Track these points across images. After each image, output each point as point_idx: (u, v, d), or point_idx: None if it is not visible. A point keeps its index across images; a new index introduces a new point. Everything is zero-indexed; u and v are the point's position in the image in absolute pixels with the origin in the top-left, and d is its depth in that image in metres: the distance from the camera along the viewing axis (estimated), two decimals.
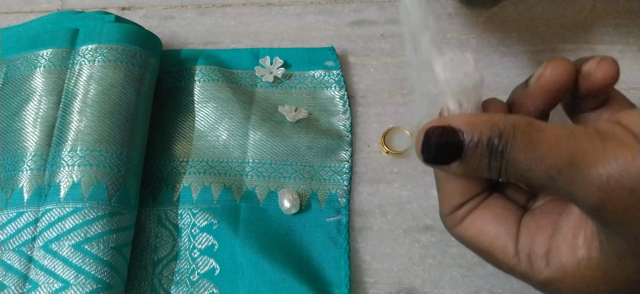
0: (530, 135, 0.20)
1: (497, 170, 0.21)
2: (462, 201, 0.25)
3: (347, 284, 0.32)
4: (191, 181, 0.35)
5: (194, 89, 0.38)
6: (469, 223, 0.25)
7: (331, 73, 0.39)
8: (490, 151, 0.21)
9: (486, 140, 0.21)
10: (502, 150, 0.21)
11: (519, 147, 0.20)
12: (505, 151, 0.21)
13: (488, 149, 0.21)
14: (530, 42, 0.40)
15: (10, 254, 0.31)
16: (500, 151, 0.21)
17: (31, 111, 0.34)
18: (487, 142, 0.21)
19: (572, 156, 0.19)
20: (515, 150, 0.20)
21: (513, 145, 0.20)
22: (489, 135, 0.21)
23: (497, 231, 0.24)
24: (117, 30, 0.36)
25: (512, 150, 0.20)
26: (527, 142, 0.20)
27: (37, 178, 0.32)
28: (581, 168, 0.19)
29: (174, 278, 0.33)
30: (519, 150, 0.20)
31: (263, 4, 0.43)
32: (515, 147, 0.20)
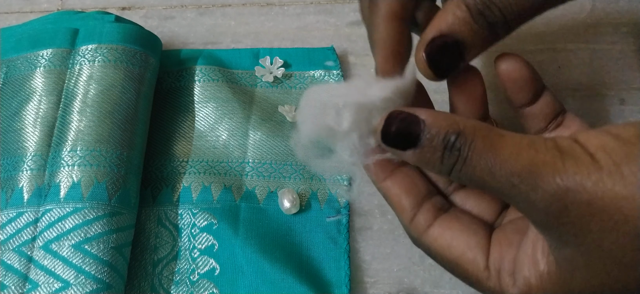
0: (491, 139, 0.21)
1: (449, 166, 0.22)
2: (414, 201, 0.25)
3: (347, 284, 0.32)
4: (191, 181, 0.35)
5: (194, 89, 0.38)
6: (438, 234, 0.25)
7: (331, 73, 0.39)
8: (445, 146, 0.21)
9: (443, 135, 0.21)
10: (459, 148, 0.21)
11: (479, 150, 0.21)
12: (462, 151, 0.21)
13: (443, 143, 0.21)
14: (530, 42, 0.40)
15: (10, 254, 0.31)
16: (458, 148, 0.21)
17: (31, 111, 0.34)
18: (444, 136, 0.21)
19: (532, 165, 0.20)
20: (474, 152, 0.21)
21: (472, 146, 0.21)
22: (446, 130, 0.21)
23: (467, 243, 0.24)
24: (117, 30, 0.36)
25: (470, 151, 0.21)
26: (488, 146, 0.21)
27: (37, 178, 0.32)
28: (541, 177, 0.19)
29: (174, 278, 0.33)
30: (478, 152, 0.21)
31: (263, 4, 0.43)
32: (474, 149, 0.21)
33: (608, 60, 0.39)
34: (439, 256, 0.25)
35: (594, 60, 0.39)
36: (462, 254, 0.24)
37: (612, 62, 0.39)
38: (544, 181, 0.19)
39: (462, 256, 0.24)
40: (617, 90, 0.38)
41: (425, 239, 0.25)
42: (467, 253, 0.24)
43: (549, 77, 0.38)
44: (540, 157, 0.20)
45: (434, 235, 0.25)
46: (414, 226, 0.25)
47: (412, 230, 0.26)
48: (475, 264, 0.24)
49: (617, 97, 0.37)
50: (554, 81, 0.38)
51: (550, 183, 0.19)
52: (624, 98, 0.37)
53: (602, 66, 0.39)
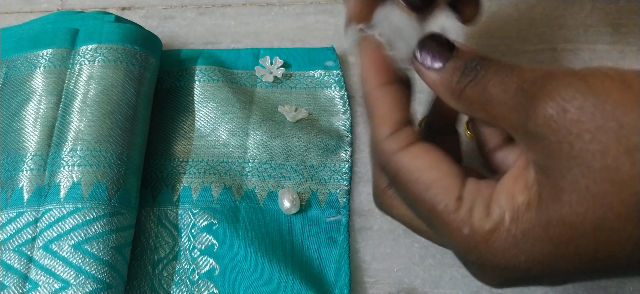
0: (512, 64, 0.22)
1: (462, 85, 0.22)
2: (402, 117, 0.24)
3: (347, 284, 0.32)
4: (191, 181, 0.35)
5: (194, 89, 0.38)
6: (418, 152, 0.23)
7: (331, 73, 0.39)
8: (466, 66, 0.22)
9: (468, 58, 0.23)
10: (478, 69, 0.22)
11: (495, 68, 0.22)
12: (480, 71, 0.22)
13: (464, 64, 0.23)
14: (530, 42, 0.40)
15: (10, 254, 0.31)
16: (477, 69, 0.22)
17: (31, 111, 0.34)
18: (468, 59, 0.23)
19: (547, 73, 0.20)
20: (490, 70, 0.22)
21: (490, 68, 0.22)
22: (472, 55, 0.23)
23: (448, 169, 0.23)
24: (117, 30, 0.36)
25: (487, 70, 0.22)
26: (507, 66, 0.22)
27: (37, 178, 0.32)
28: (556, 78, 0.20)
29: (174, 278, 0.33)
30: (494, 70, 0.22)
31: (263, 4, 0.43)
32: (491, 69, 0.22)
33: (608, 60, 0.39)
34: (407, 178, 0.23)
35: (594, 60, 0.39)
36: (438, 178, 0.22)
37: (612, 62, 0.39)
38: (558, 82, 0.20)
39: (436, 181, 0.22)
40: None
41: (398, 157, 0.23)
42: (444, 179, 0.22)
43: None
44: (555, 68, 0.21)
45: (410, 155, 0.23)
46: (391, 141, 0.24)
47: (385, 145, 0.24)
48: (449, 192, 0.22)
49: None
50: None
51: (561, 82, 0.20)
52: None
53: (602, 66, 0.38)
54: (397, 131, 0.24)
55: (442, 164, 0.23)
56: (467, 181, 0.23)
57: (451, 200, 0.22)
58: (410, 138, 0.24)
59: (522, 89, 0.21)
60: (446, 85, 0.23)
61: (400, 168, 0.23)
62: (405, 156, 0.23)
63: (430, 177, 0.23)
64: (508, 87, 0.21)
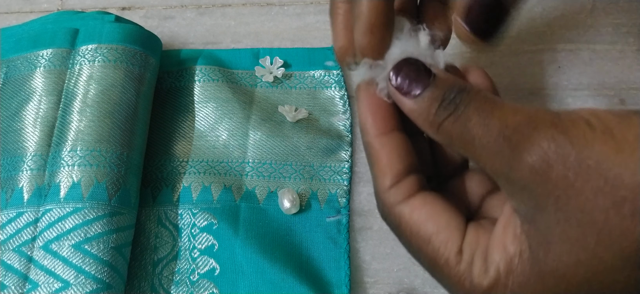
0: (492, 100, 0.21)
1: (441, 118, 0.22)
2: (402, 169, 0.24)
3: (347, 284, 0.32)
4: (191, 181, 0.35)
5: (194, 89, 0.38)
6: (416, 206, 0.23)
7: (331, 73, 0.39)
8: (444, 98, 0.22)
9: (447, 88, 0.22)
10: (458, 103, 0.21)
11: (477, 105, 0.21)
12: (459, 106, 0.21)
13: (443, 96, 0.22)
14: (530, 42, 0.40)
15: (10, 254, 0.31)
16: (456, 103, 0.21)
17: (31, 111, 0.34)
18: (447, 90, 0.22)
19: (529, 119, 0.20)
20: (472, 107, 0.21)
21: (471, 103, 0.21)
22: (452, 85, 0.22)
23: (447, 221, 0.22)
24: (117, 30, 0.36)
25: (468, 107, 0.21)
26: (487, 104, 0.21)
27: (37, 178, 0.32)
28: (537, 130, 0.19)
29: (174, 278, 0.33)
30: (475, 107, 0.21)
31: (263, 4, 0.43)
32: (472, 105, 0.21)
33: (608, 60, 0.39)
34: (409, 231, 0.23)
35: (594, 60, 0.39)
36: (437, 231, 0.22)
37: (612, 62, 0.39)
38: (539, 133, 0.19)
39: (436, 235, 0.22)
40: (617, 90, 0.38)
41: (399, 209, 0.23)
42: (443, 233, 0.22)
43: (549, 77, 0.38)
44: (539, 114, 0.20)
45: (410, 207, 0.23)
46: (392, 193, 0.23)
47: (387, 197, 0.24)
48: (449, 246, 0.22)
49: (617, 97, 0.37)
50: (554, 81, 0.38)
51: (545, 134, 0.19)
52: (624, 98, 0.37)
53: (602, 66, 0.39)
54: (398, 183, 0.24)
55: (441, 216, 0.23)
56: (467, 230, 0.23)
57: (451, 254, 0.22)
58: (411, 190, 0.24)
59: (504, 136, 0.20)
60: (423, 116, 0.22)
61: (402, 220, 0.23)
62: (406, 208, 0.23)
63: (430, 230, 0.23)
64: (490, 130, 0.20)
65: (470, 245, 0.22)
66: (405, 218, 0.23)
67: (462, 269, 0.22)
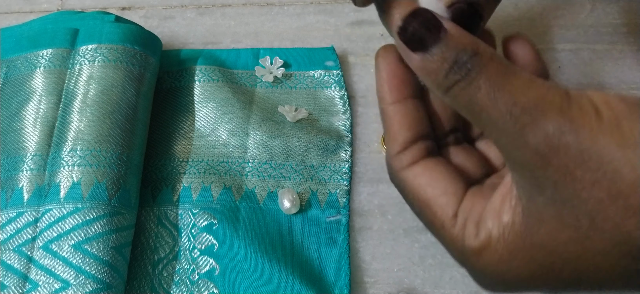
0: (506, 68, 0.20)
1: (451, 82, 0.21)
2: (410, 137, 0.25)
3: (347, 284, 0.32)
4: (191, 181, 0.35)
5: (194, 89, 0.38)
6: (418, 172, 0.24)
7: (331, 73, 0.39)
8: (456, 61, 0.21)
9: (459, 50, 0.21)
10: (470, 67, 0.21)
11: (489, 74, 0.20)
12: (472, 71, 0.20)
13: (454, 57, 0.21)
14: None
15: (10, 254, 0.31)
16: (468, 68, 0.21)
17: (31, 111, 0.34)
18: (459, 51, 0.21)
19: (539, 100, 0.19)
20: (484, 74, 0.20)
21: (484, 70, 0.20)
22: (464, 46, 0.21)
23: (444, 188, 0.24)
24: (117, 30, 0.36)
25: (480, 73, 0.20)
26: (500, 73, 0.20)
27: (37, 178, 0.32)
28: (545, 114, 0.19)
29: (174, 278, 0.33)
30: (487, 76, 0.20)
31: (263, 4, 0.43)
32: (484, 72, 0.20)
33: (608, 60, 0.39)
34: (411, 195, 0.25)
35: (594, 60, 0.39)
36: (435, 196, 0.24)
37: (612, 62, 0.39)
38: (546, 118, 0.19)
39: (434, 199, 0.24)
40: (617, 90, 0.38)
41: (404, 174, 0.25)
42: (441, 197, 0.24)
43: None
44: (549, 96, 0.20)
45: (414, 173, 0.24)
46: (398, 159, 0.25)
47: (394, 161, 0.25)
48: (445, 210, 0.23)
49: None
50: (554, 81, 0.38)
51: (552, 120, 0.19)
52: None
53: (602, 66, 0.39)
54: (405, 150, 0.25)
55: (440, 182, 0.24)
56: (466, 196, 0.24)
57: (447, 217, 0.23)
58: (416, 157, 0.25)
59: (511, 114, 0.20)
60: (432, 76, 0.22)
61: (405, 184, 0.25)
62: (410, 173, 0.25)
63: (428, 195, 0.24)
64: (498, 104, 0.20)
65: (465, 210, 0.23)
66: (408, 182, 0.25)
67: (455, 231, 0.23)
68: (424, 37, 0.21)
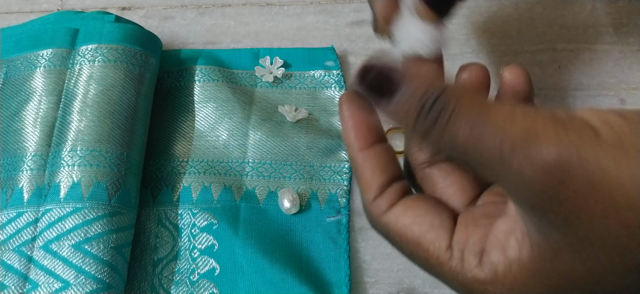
0: (480, 104, 0.19)
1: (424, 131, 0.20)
2: (384, 180, 0.24)
3: (347, 284, 0.32)
4: (191, 181, 0.35)
5: (194, 89, 0.38)
6: (399, 212, 0.23)
7: (331, 73, 0.39)
8: (422, 108, 0.19)
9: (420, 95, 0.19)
10: (439, 111, 0.19)
11: (464, 115, 0.19)
12: (442, 115, 0.19)
13: (419, 105, 0.19)
14: (530, 42, 0.40)
15: (10, 254, 0.31)
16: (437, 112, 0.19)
17: (31, 111, 0.34)
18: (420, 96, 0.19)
19: (528, 132, 0.18)
20: (457, 117, 0.19)
21: (455, 111, 0.19)
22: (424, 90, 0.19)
23: (430, 223, 0.23)
24: (117, 30, 0.36)
25: (452, 116, 0.19)
26: (475, 112, 0.18)
27: (37, 178, 0.32)
28: (539, 147, 0.17)
29: (174, 278, 0.33)
30: (462, 118, 0.19)
31: (263, 4, 0.43)
32: (457, 114, 0.19)
33: (608, 60, 0.39)
34: (398, 238, 0.24)
35: (594, 60, 0.39)
36: (423, 233, 0.23)
37: (612, 62, 0.39)
38: (542, 151, 0.17)
39: (423, 236, 0.23)
40: (617, 90, 0.38)
41: (385, 219, 0.24)
42: (429, 233, 0.23)
43: (549, 77, 0.38)
44: (538, 125, 0.18)
45: (395, 214, 0.24)
46: (376, 205, 0.24)
47: (373, 208, 0.24)
48: (437, 244, 0.22)
49: (617, 97, 0.38)
50: (554, 81, 0.38)
51: (549, 152, 0.17)
52: (624, 98, 0.37)
53: (602, 66, 0.39)
54: (381, 194, 0.24)
55: (425, 217, 0.23)
56: (457, 226, 0.23)
57: (441, 251, 0.22)
58: (393, 199, 0.24)
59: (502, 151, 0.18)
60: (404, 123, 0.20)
61: (390, 228, 0.24)
62: (391, 216, 0.24)
63: (416, 233, 0.23)
64: (485, 143, 0.18)
65: (459, 241, 0.22)
66: (392, 226, 0.24)
67: (454, 265, 0.22)
68: (383, 87, 0.21)
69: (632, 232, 0.17)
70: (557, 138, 0.17)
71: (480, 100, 0.19)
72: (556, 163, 0.17)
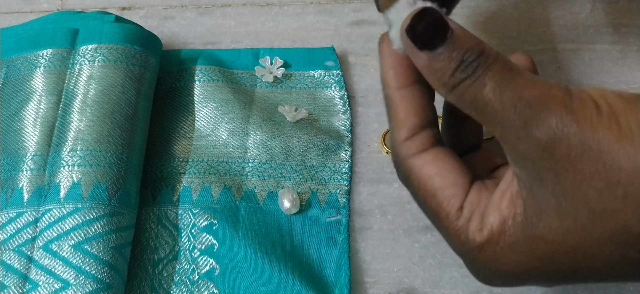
0: (510, 67, 0.21)
1: (457, 81, 0.22)
2: (418, 123, 0.24)
3: (347, 284, 0.32)
4: (191, 181, 0.35)
5: (194, 89, 0.38)
6: (425, 161, 0.24)
7: (331, 73, 0.39)
8: (462, 60, 0.21)
9: (465, 49, 0.21)
10: (476, 66, 0.21)
11: (494, 72, 0.21)
12: (477, 70, 0.21)
13: (461, 57, 0.21)
14: (530, 42, 0.40)
15: (10, 254, 0.31)
16: (474, 67, 0.21)
17: (31, 111, 0.34)
18: (465, 51, 0.21)
19: (543, 95, 0.20)
20: (489, 72, 0.21)
21: (489, 68, 0.21)
22: (471, 46, 0.21)
23: (452, 180, 0.24)
24: (117, 30, 0.36)
25: (485, 72, 0.21)
26: (505, 71, 0.21)
27: (37, 178, 0.32)
28: (549, 108, 0.20)
29: (174, 278, 0.33)
30: (492, 74, 0.21)
31: (263, 4, 0.43)
32: (490, 70, 0.21)
33: (608, 60, 0.39)
34: (417, 183, 0.24)
35: (594, 60, 0.39)
36: (443, 188, 0.24)
37: (612, 62, 0.39)
38: (549, 112, 0.20)
39: (442, 190, 0.24)
40: (617, 90, 0.38)
41: (411, 162, 0.24)
42: (448, 189, 0.24)
43: (549, 77, 0.38)
44: (552, 91, 0.20)
45: (422, 161, 0.24)
46: (406, 146, 0.25)
47: (401, 149, 0.25)
48: (452, 202, 0.23)
49: None
50: (554, 81, 0.38)
51: (554, 113, 0.20)
52: None
53: (602, 66, 0.39)
54: (413, 136, 0.25)
55: (449, 173, 0.24)
56: (471, 190, 0.24)
57: (452, 209, 0.24)
58: (424, 144, 0.25)
59: (516, 108, 0.20)
60: (438, 75, 0.22)
61: (412, 172, 0.25)
62: (417, 161, 0.24)
63: (435, 185, 0.24)
64: (503, 100, 0.21)
65: (471, 204, 0.23)
66: (415, 171, 0.24)
67: (460, 224, 0.23)
68: (432, 36, 0.22)
69: (614, 194, 0.19)
70: (564, 103, 0.20)
71: (510, 65, 0.21)
72: (557, 125, 0.20)
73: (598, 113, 0.20)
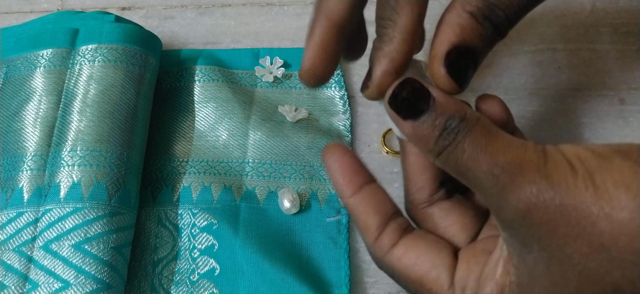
0: (489, 131, 0.21)
1: (441, 147, 0.22)
2: (381, 220, 0.25)
3: (347, 284, 0.32)
4: (191, 181, 0.35)
5: (194, 89, 0.38)
6: (402, 253, 0.24)
7: None
8: (445, 127, 0.21)
9: (448, 116, 0.21)
10: (457, 132, 0.21)
11: (474, 137, 0.21)
12: (459, 135, 0.21)
13: (444, 124, 0.21)
14: (530, 42, 0.40)
15: (10, 254, 0.31)
16: (456, 132, 0.21)
17: (31, 111, 0.34)
18: (448, 118, 0.21)
19: (517, 160, 0.20)
20: (469, 138, 0.21)
21: (469, 133, 0.21)
22: (453, 112, 0.21)
23: (432, 261, 0.24)
24: (117, 30, 0.36)
25: (466, 137, 0.21)
26: (483, 136, 0.21)
27: (37, 178, 0.32)
28: (523, 174, 0.20)
29: (174, 278, 0.33)
30: (472, 139, 0.21)
31: (263, 4, 0.43)
32: (470, 136, 0.21)
33: (608, 60, 0.39)
34: (403, 277, 0.25)
35: (594, 60, 0.39)
36: (426, 272, 0.24)
37: (612, 62, 0.39)
38: (524, 178, 0.20)
39: (426, 275, 0.24)
40: (617, 90, 0.38)
41: (389, 259, 0.25)
42: (432, 272, 0.24)
43: (549, 77, 0.38)
44: (527, 156, 0.20)
45: (398, 254, 0.24)
46: (378, 246, 0.25)
47: (376, 250, 0.25)
48: (440, 283, 0.24)
49: (617, 97, 0.38)
50: (554, 81, 0.38)
51: (529, 179, 0.20)
52: (624, 98, 0.37)
53: (602, 66, 0.39)
54: (381, 234, 0.25)
55: (427, 256, 0.24)
56: (459, 262, 0.24)
57: (444, 289, 0.24)
58: (394, 238, 0.25)
59: (493, 175, 0.20)
60: (423, 142, 0.22)
61: (394, 268, 0.25)
62: (393, 257, 0.25)
63: (418, 273, 0.24)
64: (480, 166, 0.21)
65: (462, 279, 0.23)
66: (396, 265, 0.25)
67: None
68: (414, 105, 0.22)
69: (600, 257, 0.19)
70: (538, 168, 0.20)
71: (490, 127, 0.21)
72: (532, 190, 0.19)
73: (573, 175, 0.19)
